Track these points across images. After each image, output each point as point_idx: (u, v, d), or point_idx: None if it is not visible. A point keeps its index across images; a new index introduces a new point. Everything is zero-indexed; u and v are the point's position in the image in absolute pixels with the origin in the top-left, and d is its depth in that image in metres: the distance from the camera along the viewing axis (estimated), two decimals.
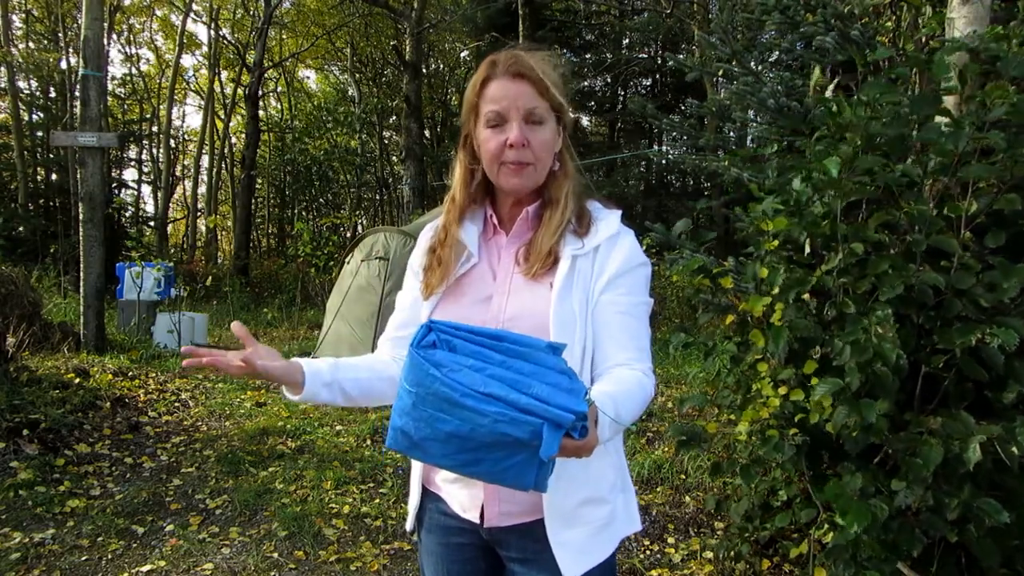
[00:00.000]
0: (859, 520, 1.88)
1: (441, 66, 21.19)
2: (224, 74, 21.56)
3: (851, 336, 2.00)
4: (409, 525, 1.37)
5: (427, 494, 1.32)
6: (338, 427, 5.08)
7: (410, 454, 1.01)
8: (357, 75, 20.62)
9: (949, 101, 2.28)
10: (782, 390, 2.26)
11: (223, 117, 21.48)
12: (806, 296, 2.27)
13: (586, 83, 16.85)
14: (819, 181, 2.22)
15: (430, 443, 0.95)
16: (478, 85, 1.21)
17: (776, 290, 2.27)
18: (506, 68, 1.19)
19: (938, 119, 2.24)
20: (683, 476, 4.00)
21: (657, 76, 17.94)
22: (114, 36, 18.50)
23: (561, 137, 1.25)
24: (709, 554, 3.06)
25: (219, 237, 23.82)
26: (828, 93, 2.89)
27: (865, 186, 2.15)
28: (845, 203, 2.18)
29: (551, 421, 0.86)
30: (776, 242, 2.38)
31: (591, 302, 1.18)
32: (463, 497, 1.24)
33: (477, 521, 1.23)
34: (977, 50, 2.19)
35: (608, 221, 1.24)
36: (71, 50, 15.24)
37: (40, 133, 15.19)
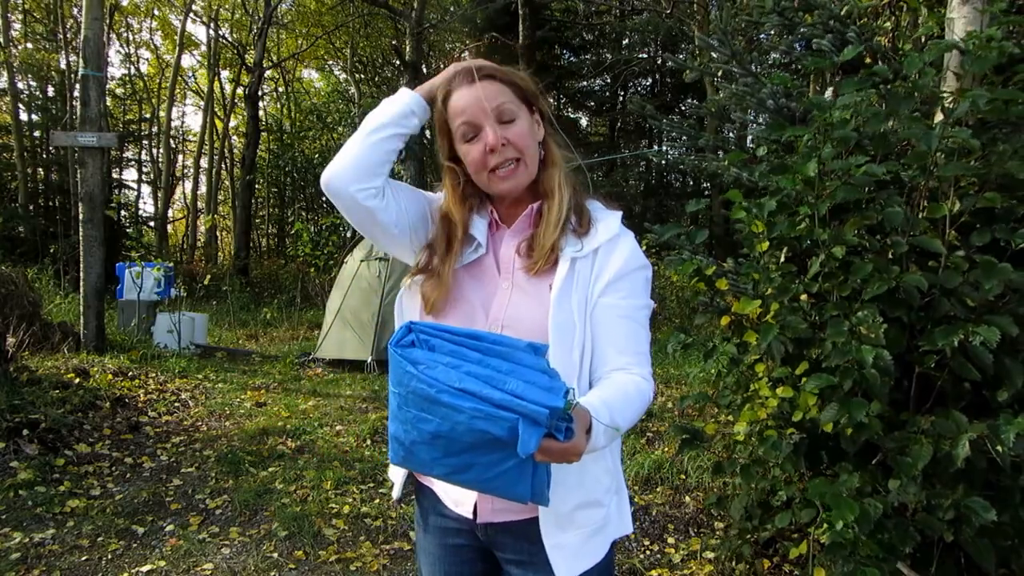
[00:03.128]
0: (844, 515, 1.88)
1: (441, 66, 21.17)
2: (224, 74, 21.55)
3: (834, 337, 2.00)
4: (396, 493, 1.34)
5: (422, 490, 1.32)
6: (338, 427, 5.09)
7: (408, 465, 1.03)
8: (357, 75, 20.62)
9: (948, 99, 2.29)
10: (779, 390, 2.27)
11: (223, 117, 21.47)
12: (803, 297, 2.28)
13: (586, 83, 16.87)
14: (797, 183, 2.23)
15: (419, 447, 0.96)
16: (441, 104, 1.21)
17: (769, 291, 2.27)
18: (462, 78, 1.19)
19: (939, 118, 2.25)
20: (683, 476, 4.00)
21: (657, 76, 17.95)
22: (113, 36, 18.49)
23: (542, 126, 1.24)
24: (709, 554, 3.06)
25: (219, 237, 23.81)
26: (828, 94, 2.89)
27: (855, 188, 2.16)
28: (831, 205, 2.18)
29: (527, 417, 0.86)
30: (766, 243, 2.38)
31: (590, 305, 1.17)
32: (455, 492, 1.24)
33: (470, 516, 1.23)
34: (968, 50, 2.19)
35: (608, 223, 1.22)
36: (71, 50, 15.22)
37: (40, 133, 15.18)
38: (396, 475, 1.34)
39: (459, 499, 1.24)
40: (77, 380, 5.37)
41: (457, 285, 1.22)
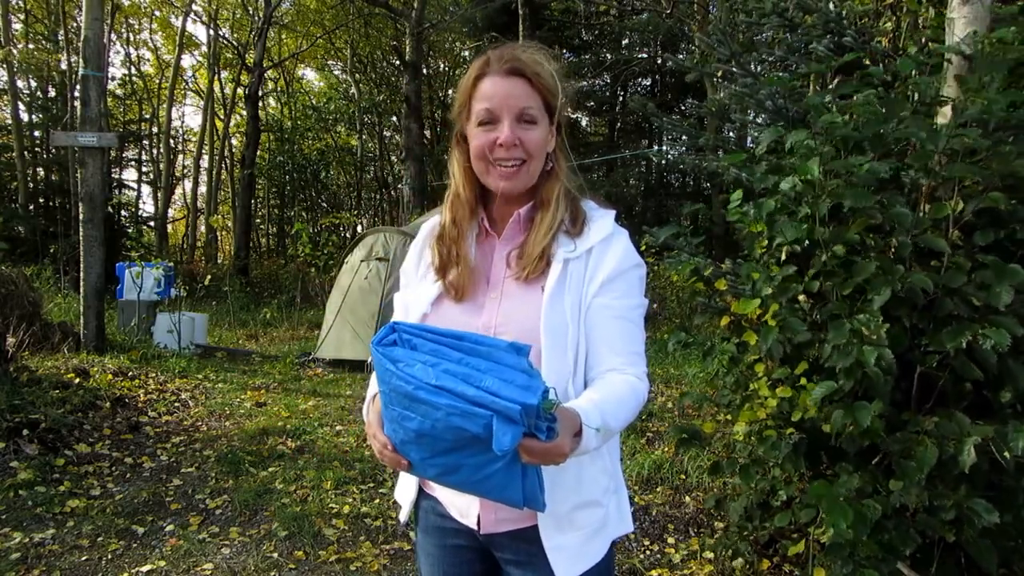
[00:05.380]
0: (841, 519, 1.88)
1: (441, 66, 21.19)
2: (224, 74, 21.55)
3: (837, 339, 2.00)
4: (403, 517, 1.35)
5: (424, 495, 1.32)
6: (338, 427, 5.09)
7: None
8: (357, 75, 20.63)
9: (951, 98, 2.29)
10: (779, 390, 2.27)
11: (223, 117, 21.48)
12: (801, 298, 2.28)
13: (586, 83, 16.87)
14: (799, 184, 2.23)
15: (409, 447, 0.99)
16: (471, 81, 1.19)
17: (768, 291, 2.27)
18: (500, 65, 1.16)
19: (940, 120, 2.24)
20: (683, 476, 4.00)
21: (657, 76, 17.96)
22: (113, 36, 18.49)
23: (555, 137, 1.22)
24: (709, 554, 3.06)
25: (219, 237, 23.82)
26: (828, 96, 2.89)
27: (858, 188, 2.16)
28: (831, 204, 2.18)
29: (500, 413, 0.86)
30: (765, 243, 2.38)
31: (583, 306, 1.16)
32: (459, 502, 1.24)
33: (474, 527, 1.23)
34: (971, 55, 2.19)
35: (601, 223, 1.22)
36: (71, 50, 15.22)
37: (40, 133, 15.18)
38: (403, 499, 1.34)
39: (463, 510, 1.24)
40: (77, 380, 5.37)
41: (447, 299, 1.22)
